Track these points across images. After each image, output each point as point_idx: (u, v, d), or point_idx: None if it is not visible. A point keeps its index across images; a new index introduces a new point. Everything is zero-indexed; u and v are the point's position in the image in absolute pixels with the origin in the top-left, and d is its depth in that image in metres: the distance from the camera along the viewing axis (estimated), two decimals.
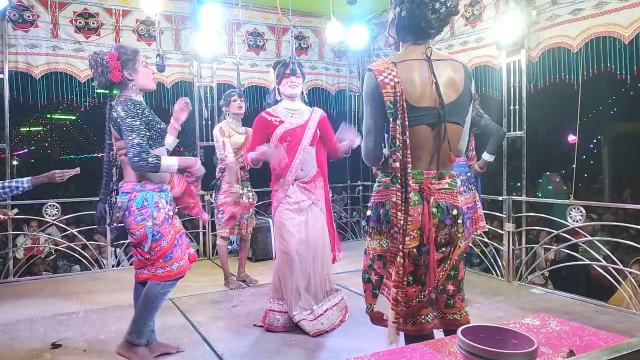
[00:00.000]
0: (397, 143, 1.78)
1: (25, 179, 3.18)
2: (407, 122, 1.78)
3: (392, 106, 1.79)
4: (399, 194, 1.78)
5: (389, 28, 1.99)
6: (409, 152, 1.79)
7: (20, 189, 3.15)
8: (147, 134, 2.50)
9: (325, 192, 3.41)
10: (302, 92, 3.38)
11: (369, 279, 1.97)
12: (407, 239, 1.77)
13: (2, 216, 3.35)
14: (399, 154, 1.78)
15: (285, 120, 3.24)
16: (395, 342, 1.79)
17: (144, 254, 2.58)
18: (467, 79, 1.92)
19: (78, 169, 3.37)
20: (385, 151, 1.90)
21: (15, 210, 4.03)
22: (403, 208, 1.78)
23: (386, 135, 1.85)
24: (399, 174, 1.79)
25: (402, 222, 1.77)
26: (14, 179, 3.19)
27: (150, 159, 2.42)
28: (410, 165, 1.79)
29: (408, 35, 1.92)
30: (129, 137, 2.43)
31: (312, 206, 3.26)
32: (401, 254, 1.77)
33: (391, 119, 1.80)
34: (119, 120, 2.48)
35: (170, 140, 2.84)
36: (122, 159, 2.61)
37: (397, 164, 1.79)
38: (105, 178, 2.68)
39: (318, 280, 3.26)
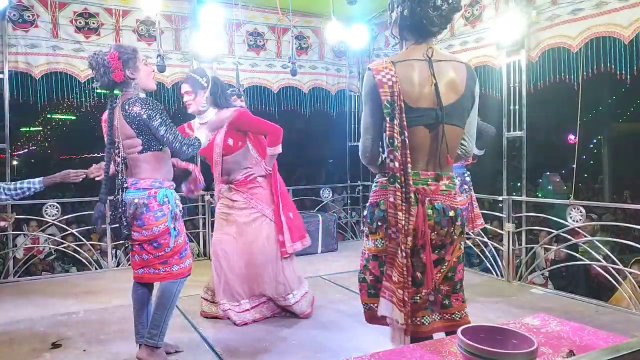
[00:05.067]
0: (395, 143, 1.77)
1: (37, 179, 2.94)
2: (405, 122, 1.77)
3: (389, 106, 1.78)
4: (399, 193, 1.78)
5: (391, 28, 1.99)
6: (408, 151, 1.78)
7: (32, 189, 2.91)
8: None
9: (275, 184, 3.41)
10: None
11: (364, 279, 1.98)
12: (408, 239, 1.77)
13: (2, 222, 3.23)
14: (397, 154, 1.78)
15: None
16: (402, 343, 1.79)
17: (154, 251, 2.57)
18: (470, 80, 1.89)
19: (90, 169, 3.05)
20: (383, 155, 1.90)
21: (14, 215, 3.94)
22: (404, 208, 1.77)
23: (384, 134, 1.85)
24: (398, 174, 1.78)
25: (403, 222, 1.77)
26: (25, 180, 2.95)
27: (193, 142, 2.55)
28: (410, 165, 1.79)
29: (410, 35, 1.91)
30: (168, 131, 2.49)
31: (248, 208, 3.33)
32: (404, 253, 1.77)
33: (388, 119, 1.79)
34: (138, 118, 2.47)
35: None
36: (133, 157, 2.57)
37: (396, 164, 1.78)
38: (106, 177, 2.63)
39: (252, 279, 3.35)
